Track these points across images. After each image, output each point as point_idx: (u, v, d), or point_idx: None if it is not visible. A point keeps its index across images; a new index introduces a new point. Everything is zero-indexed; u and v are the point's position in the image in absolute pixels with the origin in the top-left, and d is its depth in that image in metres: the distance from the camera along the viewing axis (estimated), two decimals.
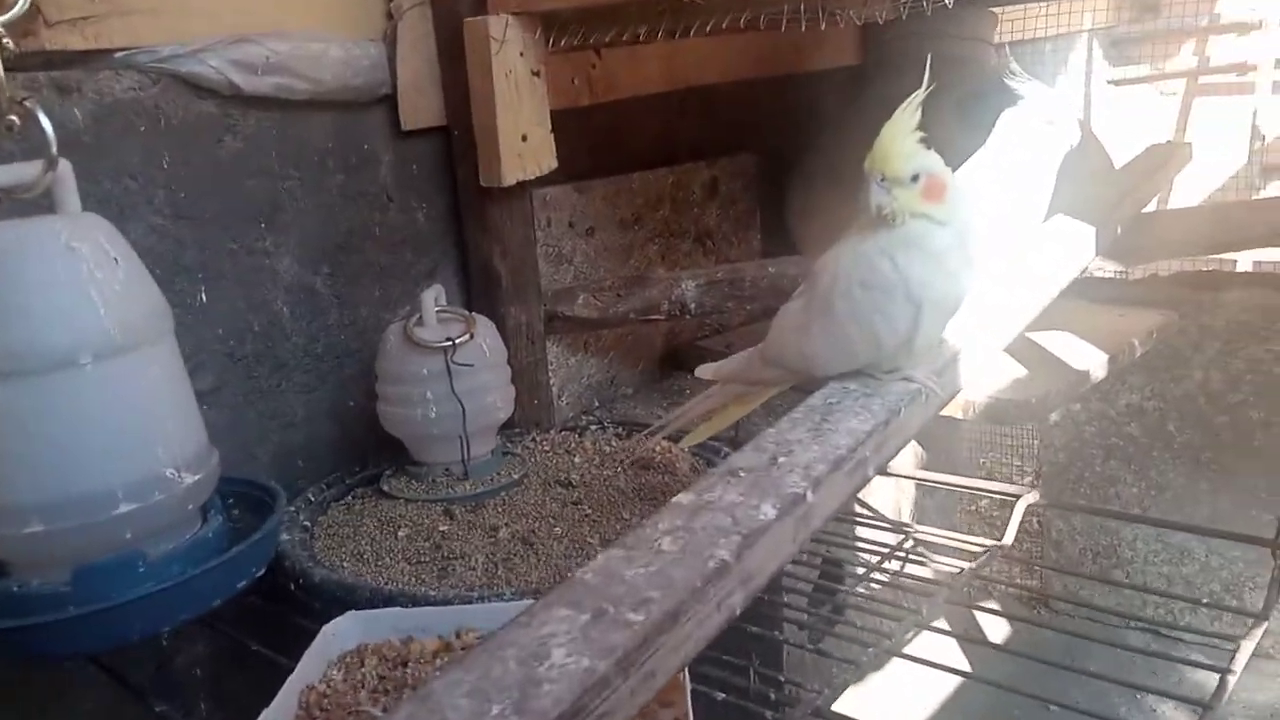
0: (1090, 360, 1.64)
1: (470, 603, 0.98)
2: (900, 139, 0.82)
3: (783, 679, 0.90)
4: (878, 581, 1.09)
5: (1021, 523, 2.73)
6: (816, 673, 1.17)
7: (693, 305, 1.53)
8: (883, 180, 0.81)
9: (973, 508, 2.49)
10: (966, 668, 1.86)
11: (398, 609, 0.96)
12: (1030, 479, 2.53)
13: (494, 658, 0.50)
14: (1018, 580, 2.44)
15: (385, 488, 1.25)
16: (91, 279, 0.78)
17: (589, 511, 1.20)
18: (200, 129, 1.17)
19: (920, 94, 0.84)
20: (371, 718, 0.84)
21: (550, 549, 1.11)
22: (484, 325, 1.25)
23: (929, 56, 0.91)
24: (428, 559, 1.11)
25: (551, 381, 1.57)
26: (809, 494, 0.67)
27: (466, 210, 1.43)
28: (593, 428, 1.46)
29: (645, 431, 1.24)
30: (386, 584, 1.06)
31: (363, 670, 0.92)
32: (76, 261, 0.77)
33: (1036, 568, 2.48)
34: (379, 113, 1.34)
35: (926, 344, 0.85)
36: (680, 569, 0.57)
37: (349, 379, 1.35)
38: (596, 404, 1.68)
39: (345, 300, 1.35)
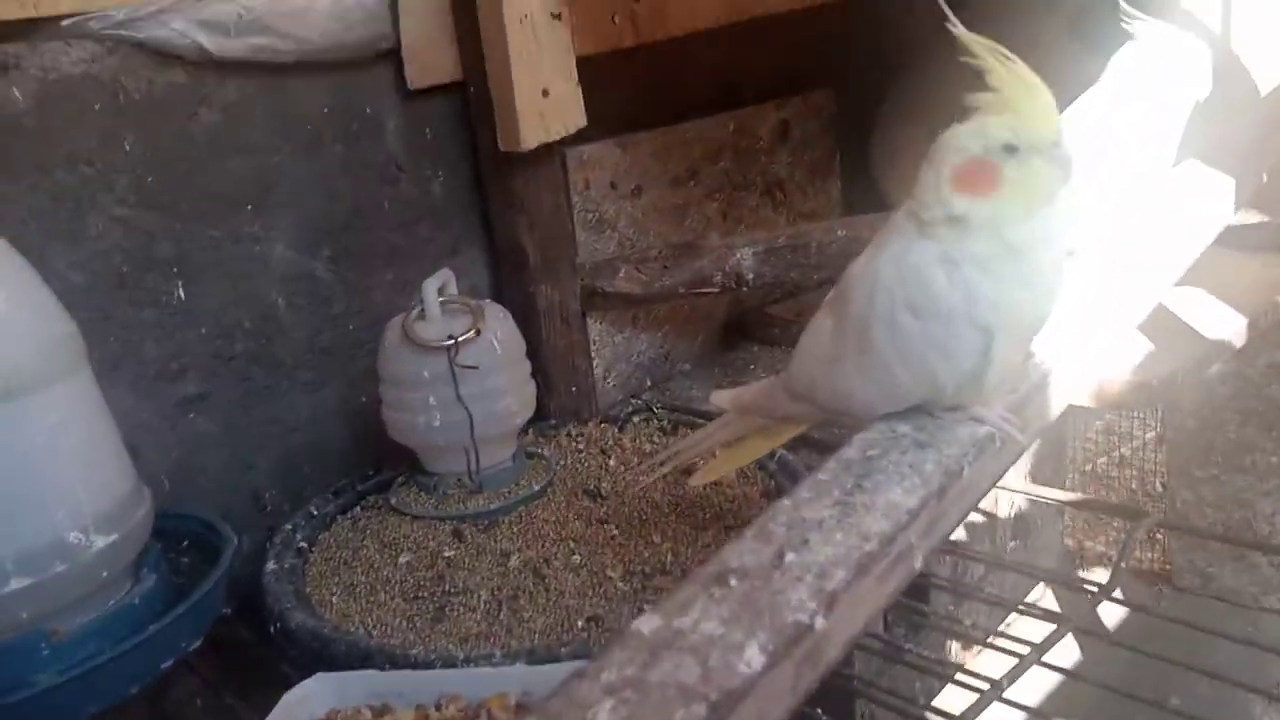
0: (1226, 326, 1.40)
1: (454, 664, 0.84)
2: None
3: None
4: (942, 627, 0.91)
5: (1144, 486, 2.43)
6: None
7: (750, 276, 1.34)
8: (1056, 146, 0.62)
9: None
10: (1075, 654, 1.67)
11: (372, 673, 0.83)
12: (1153, 438, 2.28)
13: None
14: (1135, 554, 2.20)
15: (393, 500, 1.12)
16: None
17: (615, 533, 1.04)
18: (168, 103, 1.03)
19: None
20: None
21: (564, 583, 0.97)
22: (495, 316, 1.09)
23: None
24: (426, 594, 0.98)
25: (595, 363, 1.41)
26: (818, 620, 0.49)
27: (489, 178, 1.27)
28: (635, 418, 1.30)
29: (645, 464, 1.07)
30: (373, 630, 0.93)
31: None
32: None
33: (1159, 537, 2.24)
34: (381, 71, 1.18)
35: (1000, 376, 0.65)
36: None
37: (360, 374, 1.21)
38: (648, 384, 1.51)
39: (352, 286, 1.20)
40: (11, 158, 0.93)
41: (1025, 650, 0.83)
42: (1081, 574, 1.97)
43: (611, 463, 1.19)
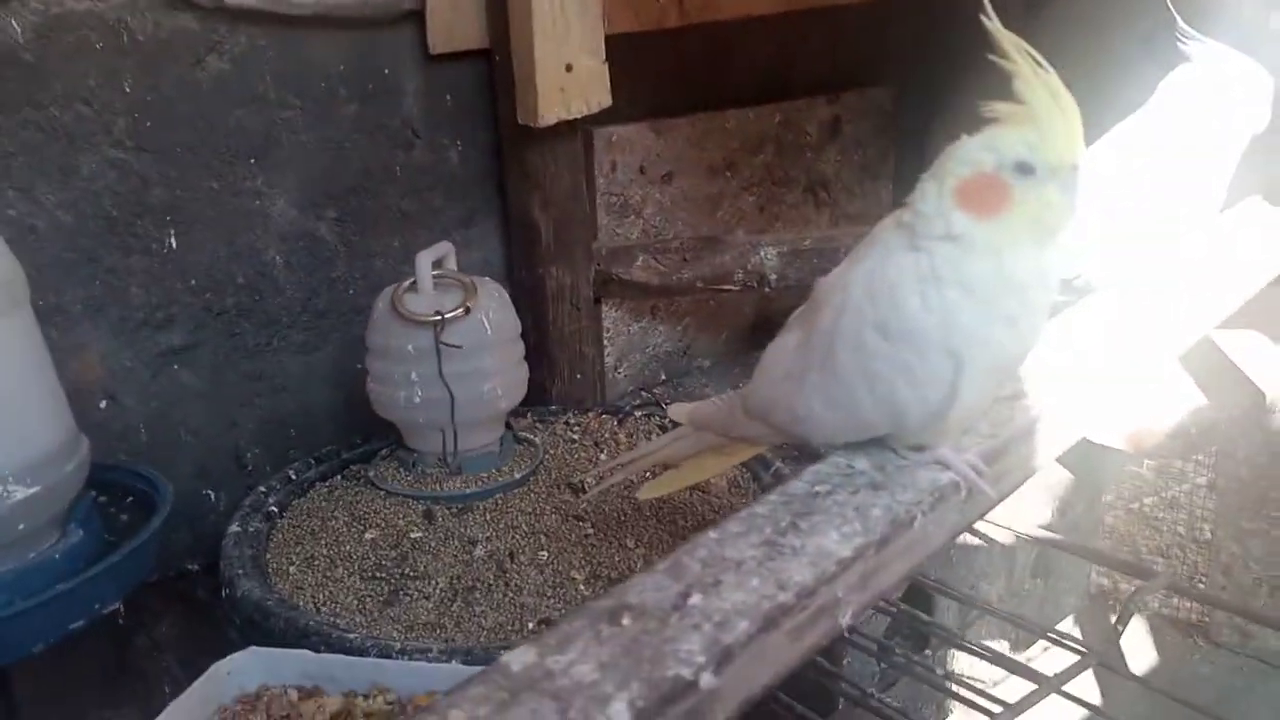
0: None
1: (389, 655, 0.80)
2: None
3: None
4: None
5: (1191, 533, 2.31)
6: None
7: (773, 276, 1.28)
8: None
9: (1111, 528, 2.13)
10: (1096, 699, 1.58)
11: (307, 653, 0.81)
12: (1205, 484, 2.15)
13: None
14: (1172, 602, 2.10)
15: (371, 474, 1.09)
16: None
17: (589, 531, 1.00)
18: (175, 47, 1.01)
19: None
20: None
21: (525, 579, 0.93)
22: (489, 295, 1.05)
23: None
24: (384, 575, 0.94)
25: (607, 351, 1.37)
26: (705, 676, 0.44)
27: (506, 151, 1.23)
28: (638, 413, 1.25)
29: (589, 474, 1.03)
30: (322, 607, 0.90)
31: None
32: None
33: (1201, 586, 2.12)
34: (403, 33, 1.14)
35: (967, 414, 0.59)
36: None
37: (356, 341, 1.17)
38: (663, 377, 1.46)
39: (356, 250, 1.17)
40: (5, 91, 0.91)
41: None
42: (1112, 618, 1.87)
43: (603, 456, 1.15)
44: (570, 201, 1.23)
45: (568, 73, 1.12)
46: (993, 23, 0.57)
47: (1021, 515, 1.66)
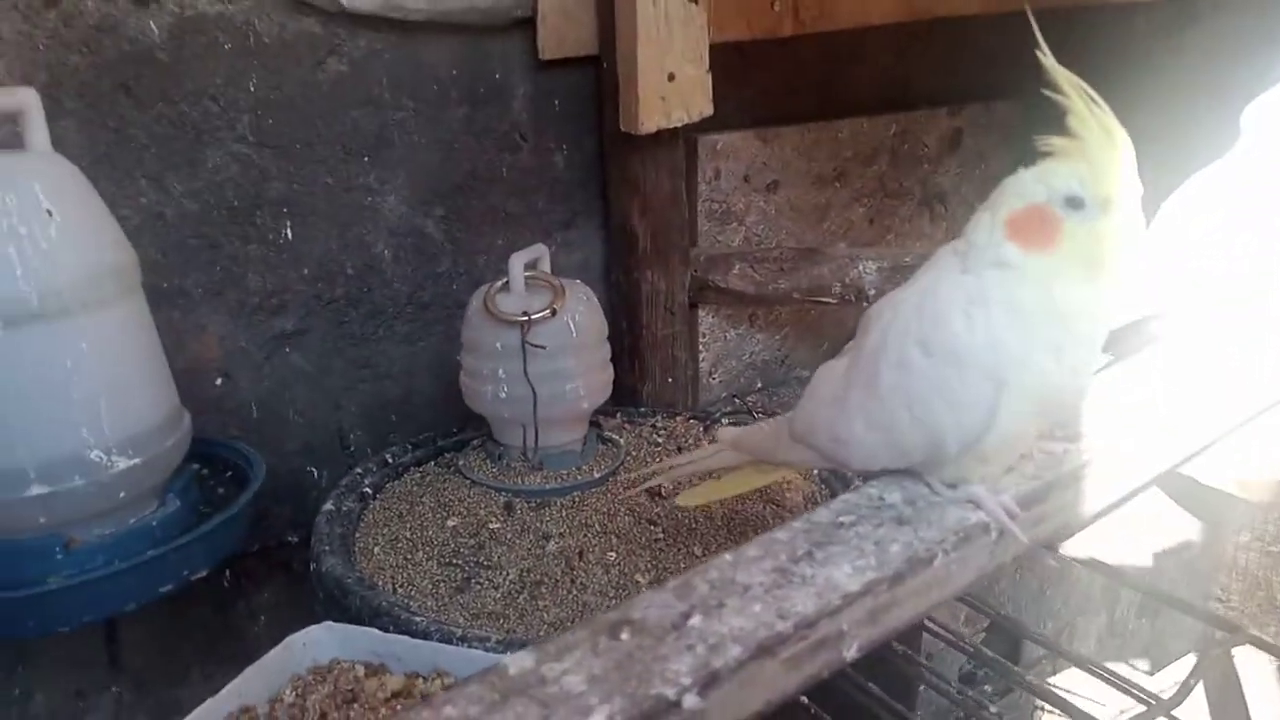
0: None
1: (451, 640, 0.84)
2: None
3: None
4: None
5: None
6: None
7: (872, 291, 1.26)
8: None
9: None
10: None
11: (375, 632, 0.85)
12: None
13: None
14: None
15: (460, 462, 1.14)
16: (12, 234, 0.69)
17: (660, 535, 1.02)
18: (298, 49, 1.07)
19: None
20: None
21: (590, 579, 0.95)
22: (578, 299, 1.08)
23: None
24: (460, 562, 0.99)
25: (702, 357, 1.38)
26: (688, 698, 0.46)
27: (609, 157, 1.25)
28: (726, 420, 1.26)
29: (631, 478, 1.05)
30: (399, 589, 0.95)
31: (313, 697, 0.82)
32: None
33: None
34: (514, 39, 1.18)
35: (1004, 446, 0.58)
36: None
37: (458, 333, 1.22)
38: (759, 385, 1.46)
39: (461, 247, 1.22)
40: (141, 87, 0.99)
41: None
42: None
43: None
44: (669, 208, 1.25)
45: (669, 81, 1.14)
46: (1047, 58, 0.57)
47: (1133, 552, 1.60)
